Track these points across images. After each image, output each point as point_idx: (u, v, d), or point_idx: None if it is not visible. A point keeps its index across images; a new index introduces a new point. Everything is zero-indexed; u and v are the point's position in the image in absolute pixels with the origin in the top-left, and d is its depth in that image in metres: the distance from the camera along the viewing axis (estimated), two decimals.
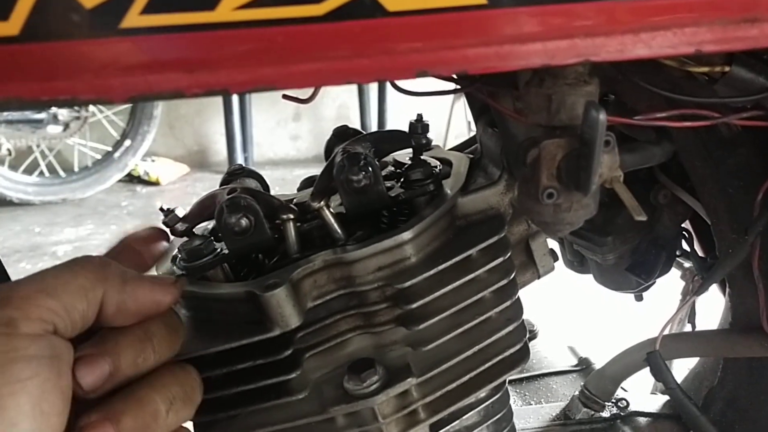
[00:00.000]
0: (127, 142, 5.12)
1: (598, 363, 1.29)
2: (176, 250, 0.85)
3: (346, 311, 0.78)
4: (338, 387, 0.76)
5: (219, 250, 0.80)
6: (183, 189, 5.30)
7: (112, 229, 4.47)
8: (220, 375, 0.74)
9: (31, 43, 0.46)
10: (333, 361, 0.78)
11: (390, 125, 5.15)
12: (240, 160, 5.17)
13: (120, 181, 5.22)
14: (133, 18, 0.47)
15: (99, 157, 5.17)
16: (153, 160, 5.44)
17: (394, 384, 0.75)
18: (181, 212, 0.83)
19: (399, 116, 5.03)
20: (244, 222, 0.77)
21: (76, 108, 4.69)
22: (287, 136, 5.74)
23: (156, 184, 5.32)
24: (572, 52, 0.53)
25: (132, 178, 5.33)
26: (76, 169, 5.15)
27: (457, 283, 0.77)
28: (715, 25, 0.55)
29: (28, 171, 5.01)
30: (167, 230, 0.82)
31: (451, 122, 5.04)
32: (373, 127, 5.21)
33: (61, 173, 5.10)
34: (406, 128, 0.88)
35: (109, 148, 5.17)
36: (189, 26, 0.48)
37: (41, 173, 5.06)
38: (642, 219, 0.60)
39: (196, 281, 0.78)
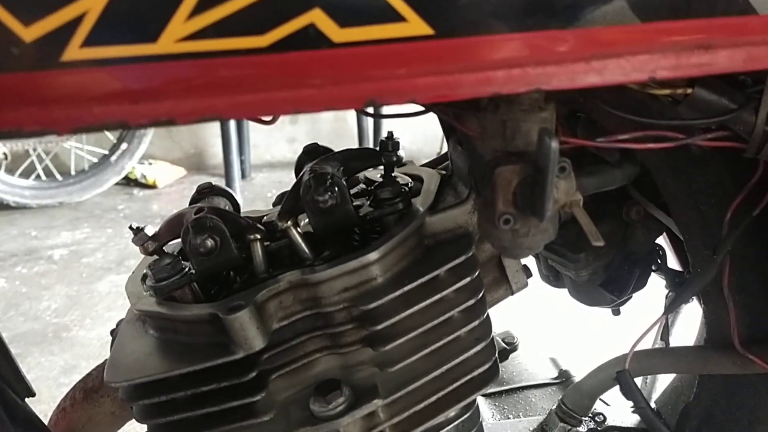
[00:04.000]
0: (124, 146, 5.10)
1: (580, 375, 1.28)
2: (145, 269, 0.85)
3: (313, 332, 0.77)
4: (304, 408, 0.76)
5: (187, 269, 0.80)
6: (180, 192, 5.29)
7: (109, 232, 4.46)
8: (185, 397, 0.74)
9: None
10: (299, 382, 0.78)
11: (387, 126, 5.14)
12: (236, 162, 5.16)
13: (117, 184, 5.20)
14: (74, 51, 0.46)
15: (96, 160, 5.16)
16: (150, 163, 5.43)
17: (361, 405, 0.75)
18: (150, 231, 0.83)
19: (396, 118, 5.01)
20: (209, 243, 0.77)
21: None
22: (284, 139, 5.73)
23: (153, 187, 5.30)
24: (523, 80, 0.52)
25: (129, 181, 5.32)
26: (72, 172, 5.13)
27: (425, 303, 0.77)
28: (669, 52, 0.54)
29: (25, 174, 5.00)
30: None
31: None
32: (370, 127, 5.20)
33: (58, 177, 5.09)
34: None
35: (106, 152, 5.15)
36: (131, 58, 0.47)
37: (38, 177, 5.04)
38: (599, 244, 0.60)
39: (164, 301, 0.78)
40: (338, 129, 5.57)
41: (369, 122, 5.20)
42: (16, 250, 4.24)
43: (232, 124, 5.02)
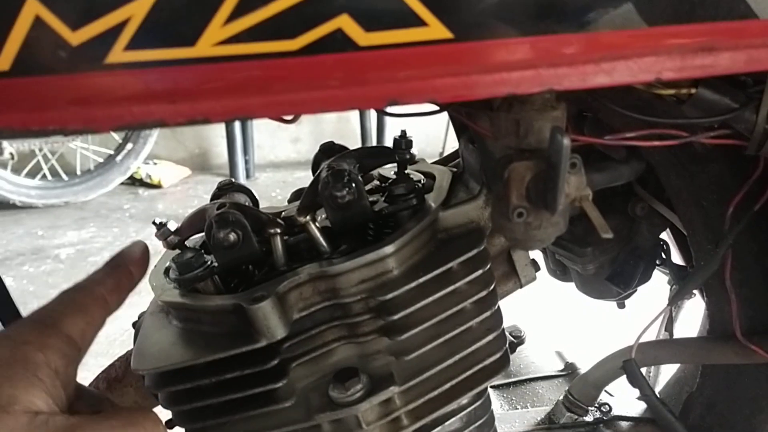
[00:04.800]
0: (129, 146, 5.14)
1: (585, 367, 1.31)
2: (168, 262, 0.88)
3: (331, 322, 0.80)
4: (324, 395, 0.78)
5: (209, 263, 0.83)
6: (185, 192, 5.32)
7: (115, 231, 4.49)
8: (209, 384, 0.77)
9: (22, 78, 0.49)
10: (318, 370, 0.81)
11: (389, 127, 5.17)
12: (241, 162, 5.19)
13: (122, 184, 5.24)
14: (118, 54, 0.49)
15: (101, 160, 5.19)
16: (155, 163, 5.47)
17: (378, 392, 0.77)
18: (173, 226, 0.86)
19: (398, 118, 5.04)
20: (232, 236, 0.80)
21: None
22: (288, 139, 5.76)
23: (158, 186, 5.34)
24: (536, 81, 0.55)
25: (134, 181, 5.36)
26: (78, 172, 5.17)
27: (438, 294, 0.80)
28: (674, 54, 0.57)
29: (31, 174, 5.03)
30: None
31: (449, 127, 5.06)
32: (373, 129, 5.23)
33: (64, 176, 5.12)
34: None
35: (111, 152, 5.18)
36: (170, 61, 0.50)
37: (44, 176, 5.08)
38: (608, 237, 0.63)
39: (187, 293, 0.81)
40: (341, 130, 5.60)
41: (372, 123, 5.23)
42: (22, 250, 4.27)
43: (237, 124, 5.05)
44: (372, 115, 5.20)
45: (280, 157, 5.79)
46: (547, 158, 0.60)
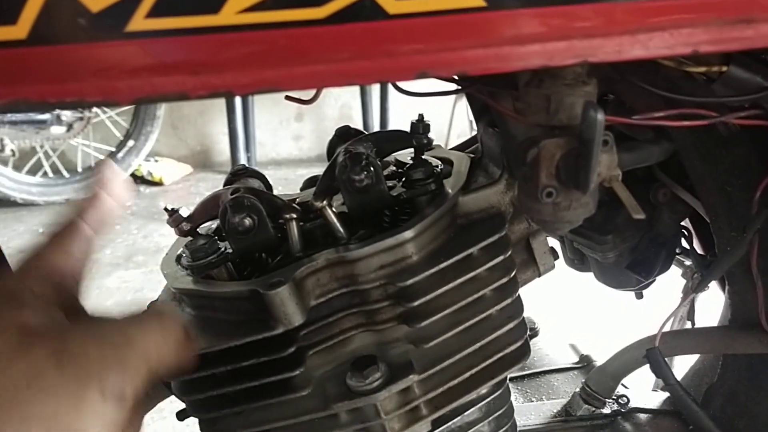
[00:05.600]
0: (131, 143, 5.13)
1: (600, 360, 1.29)
2: (180, 249, 0.86)
3: (349, 309, 0.78)
4: (341, 384, 0.77)
5: (223, 249, 0.81)
6: (186, 189, 5.31)
7: (116, 229, 4.47)
8: (224, 372, 0.75)
9: (39, 47, 0.47)
10: (336, 358, 0.79)
11: (392, 124, 5.15)
12: (243, 160, 5.18)
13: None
14: (139, 21, 0.47)
15: (102, 157, 5.18)
16: (156, 161, 5.45)
17: (396, 381, 0.76)
18: (185, 212, 0.84)
19: (401, 115, 5.04)
20: (247, 221, 0.78)
21: (79, 109, 4.70)
22: (290, 136, 5.75)
23: (159, 184, 5.33)
24: (570, 53, 0.54)
25: (135, 179, 5.34)
26: (79, 169, 5.16)
27: (459, 281, 0.78)
28: (712, 26, 0.55)
29: (32, 171, 5.02)
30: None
31: (453, 121, 5.05)
32: (376, 126, 5.22)
33: (65, 174, 5.12)
34: (407, 128, 0.88)
35: (113, 149, 5.17)
36: (193, 29, 0.48)
37: (45, 174, 5.07)
38: (640, 217, 0.61)
39: (201, 280, 0.79)
40: None
41: (375, 120, 5.22)
42: (23, 247, 4.24)
43: (239, 121, 5.04)
44: (375, 112, 5.19)
45: (281, 154, 5.77)
46: (578, 135, 0.58)
